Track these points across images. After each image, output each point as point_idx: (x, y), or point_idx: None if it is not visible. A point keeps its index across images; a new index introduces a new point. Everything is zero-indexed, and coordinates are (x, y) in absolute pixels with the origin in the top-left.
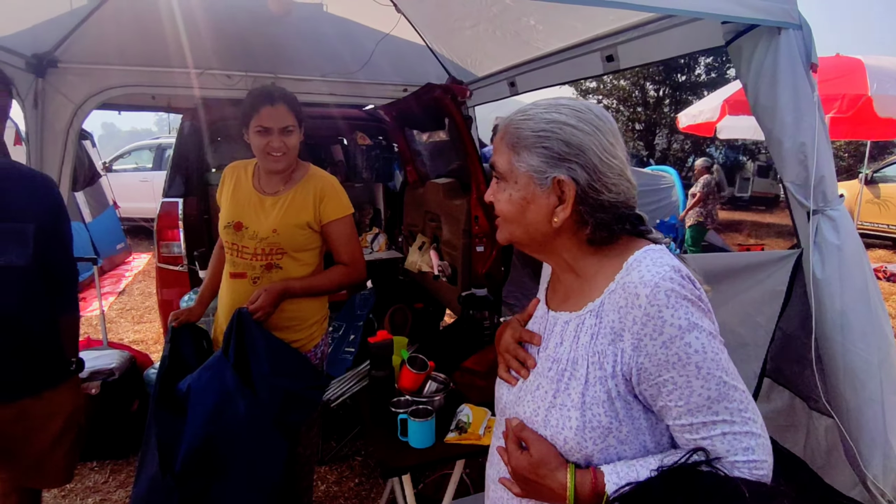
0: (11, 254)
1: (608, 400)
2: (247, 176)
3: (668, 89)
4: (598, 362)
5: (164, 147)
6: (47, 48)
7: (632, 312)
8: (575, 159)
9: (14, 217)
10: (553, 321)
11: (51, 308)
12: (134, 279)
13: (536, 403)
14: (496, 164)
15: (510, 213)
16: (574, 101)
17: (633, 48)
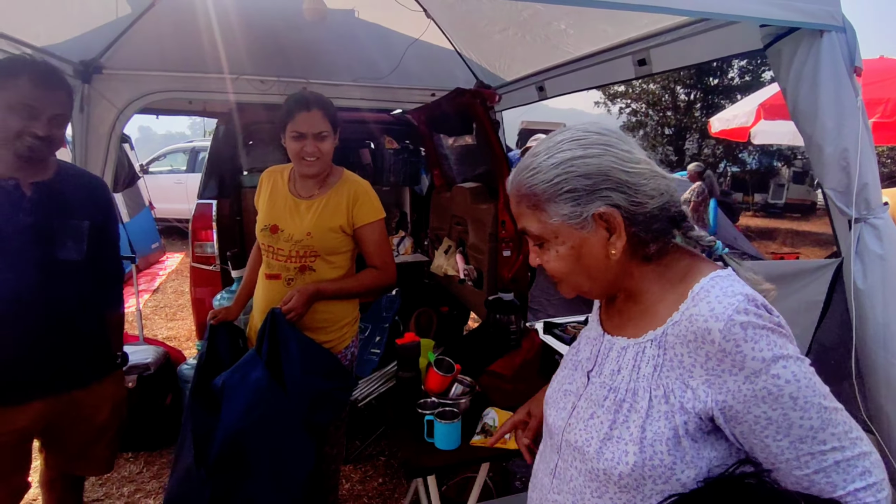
0: (69, 249)
1: (674, 437)
2: (283, 180)
3: (700, 93)
4: (662, 395)
5: (198, 150)
6: (93, 55)
7: (703, 348)
8: (603, 185)
9: (72, 214)
10: (609, 345)
11: (100, 303)
12: (167, 278)
13: (590, 433)
14: (528, 230)
15: (564, 269)
16: (569, 132)
17: (667, 52)
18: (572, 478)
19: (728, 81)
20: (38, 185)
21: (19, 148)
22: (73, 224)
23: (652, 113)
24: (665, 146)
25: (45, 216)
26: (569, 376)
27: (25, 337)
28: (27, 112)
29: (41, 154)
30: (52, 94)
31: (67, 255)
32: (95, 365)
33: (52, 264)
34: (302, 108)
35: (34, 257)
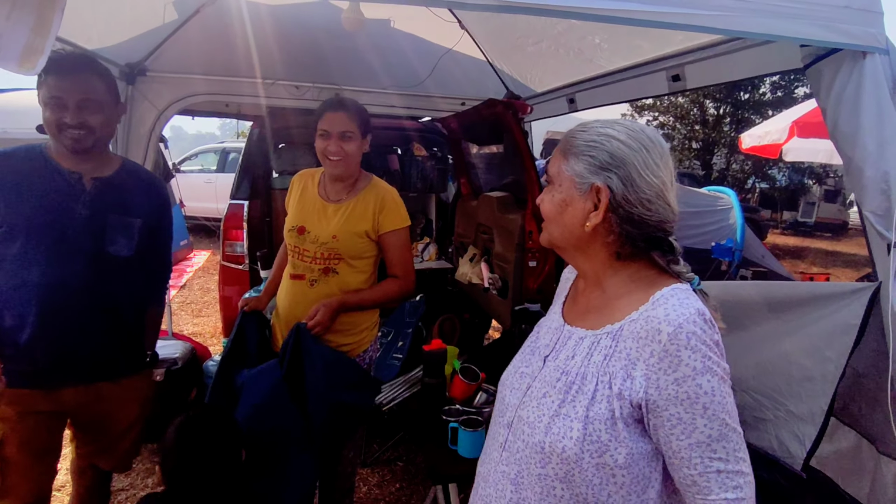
0: (119, 244)
1: (611, 419)
2: (313, 183)
3: (730, 107)
4: (607, 381)
5: (228, 151)
6: (139, 58)
7: (650, 346)
8: (615, 170)
9: (127, 211)
10: (568, 335)
11: (143, 300)
12: (195, 274)
13: (542, 410)
14: (549, 169)
15: (551, 213)
16: (632, 122)
17: (702, 68)
18: (519, 450)
19: (759, 97)
20: (98, 181)
21: (63, 140)
22: (127, 221)
23: (680, 126)
24: (692, 160)
25: (101, 211)
26: (526, 360)
27: (67, 324)
28: (55, 103)
29: (85, 143)
30: (72, 81)
31: (117, 251)
32: (128, 360)
33: (101, 257)
34: (330, 109)
35: (85, 249)
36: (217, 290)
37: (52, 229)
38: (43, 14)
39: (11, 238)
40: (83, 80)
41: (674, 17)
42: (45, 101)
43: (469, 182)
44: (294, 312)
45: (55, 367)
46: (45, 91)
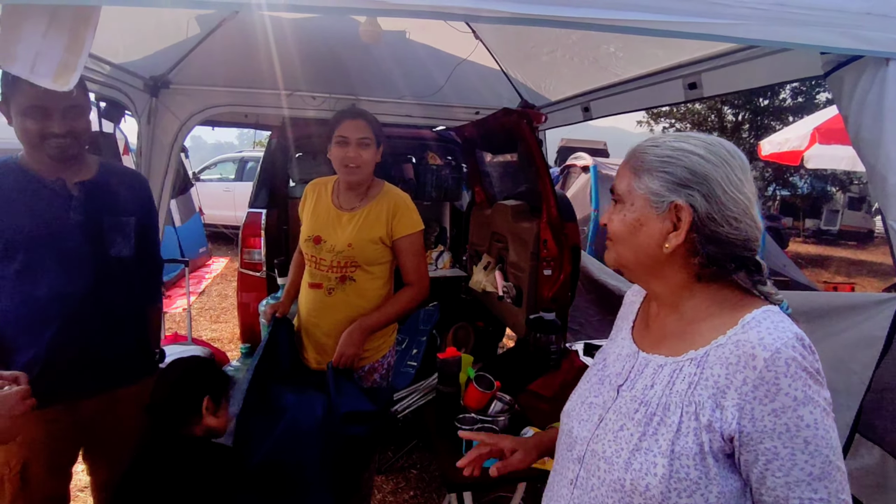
0: (119, 245)
1: (700, 453)
2: (327, 192)
3: (748, 114)
4: (693, 412)
5: (247, 160)
6: (162, 71)
7: (743, 372)
8: (696, 187)
9: (119, 212)
10: (644, 362)
11: (144, 299)
12: (213, 281)
13: (619, 444)
14: (616, 186)
15: (621, 234)
16: (705, 135)
17: (719, 76)
18: (594, 487)
19: (779, 102)
20: (83, 185)
21: (48, 150)
22: (122, 221)
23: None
24: None
25: (94, 214)
26: (594, 390)
27: (81, 333)
28: (39, 113)
29: (72, 151)
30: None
31: (118, 252)
32: (141, 362)
33: (105, 261)
34: (347, 117)
35: (87, 255)
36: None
37: (51, 241)
38: (77, 33)
39: (9, 256)
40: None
41: (689, 26)
42: (23, 111)
43: (483, 190)
44: (314, 320)
45: (73, 378)
46: (24, 100)
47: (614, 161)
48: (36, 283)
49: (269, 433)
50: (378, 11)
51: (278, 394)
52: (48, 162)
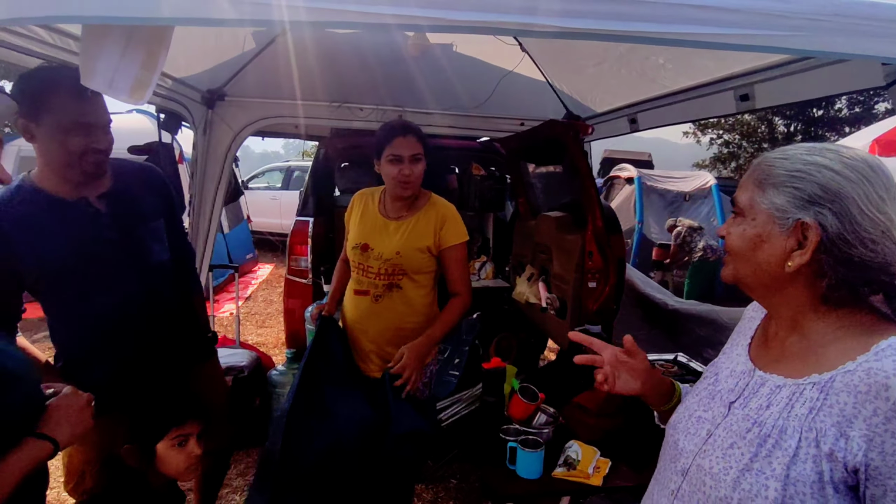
0: (157, 252)
1: (818, 482)
2: (374, 202)
3: (801, 124)
4: (814, 439)
5: (293, 169)
6: (218, 84)
7: (874, 403)
8: (828, 204)
9: (147, 217)
10: (759, 381)
11: (188, 289)
12: (259, 287)
13: (728, 462)
14: (737, 199)
15: (739, 249)
16: (844, 148)
17: (773, 87)
18: (698, 502)
19: (835, 113)
20: (105, 198)
21: (86, 166)
22: (152, 226)
23: (746, 145)
24: None
25: (127, 228)
26: (704, 404)
27: (142, 343)
28: (85, 130)
29: (105, 166)
30: (96, 103)
31: (159, 258)
32: (200, 349)
33: (147, 270)
34: (399, 134)
35: (132, 270)
36: (279, 302)
37: (92, 263)
38: (151, 51)
39: (57, 284)
40: (101, 100)
41: (746, 38)
42: (64, 128)
43: (527, 201)
44: (360, 327)
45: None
46: (66, 116)
47: (659, 172)
48: (92, 306)
49: (318, 438)
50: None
51: (329, 396)
52: (74, 179)
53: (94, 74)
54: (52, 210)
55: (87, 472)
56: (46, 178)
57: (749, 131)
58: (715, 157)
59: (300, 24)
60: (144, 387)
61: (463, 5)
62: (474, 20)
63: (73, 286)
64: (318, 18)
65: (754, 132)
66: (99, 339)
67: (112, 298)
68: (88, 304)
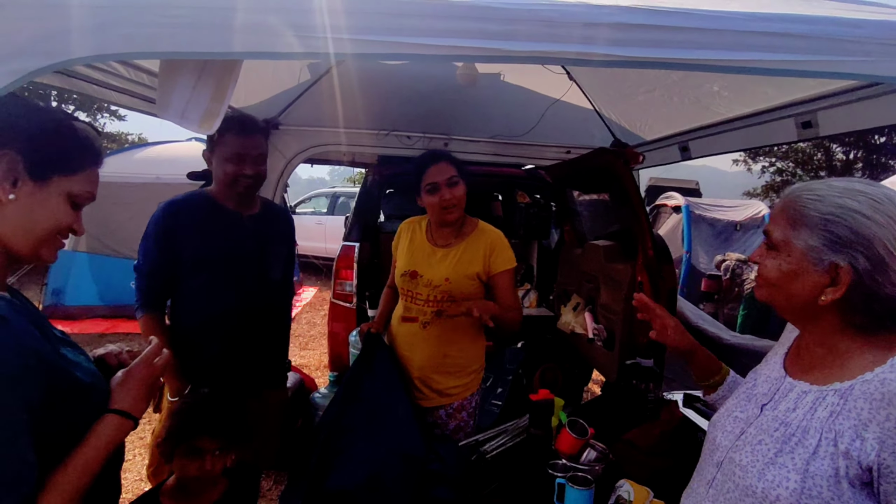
0: (276, 270)
1: (835, 476)
2: (421, 230)
3: (862, 152)
4: (832, 439)
5: (338, 195)
6: (274, 114)
7: (887, 409)
8: (860, 248)
9: (278, 241)
10: (789, 387)
11: (287, 316)
12: (303, 309)
13: (756, 456)
14: (771, 232)
15: (775, 280)
16: (872, 189)
17: (838, 114)
18: (729, 490)
19: None
20: (252, 217)
21: (239, 188)
22: (280, 250)
23: (801, 173)
24: None
25: (263, 243)
26: (741, 405)
27: (248, 342)
28: (237, 159)
29: (254, 190)
30: (252, 140)
31: (275, 276)
32: (281, 370)
33: (265, 282)
34: (430, 163)
35: (257, 276)
36: (323, 325)
37: (231, 262)
38: (221, 83)
39: (197, 271)
40: (260, 139)
41: (814, 65)
42: (226, 158)
43: (573, 229)
44: (406, 354)
45: (238, 378)
46: (227, 149)
47: (707, 201)
48: (217, 297)
49: (360, 466)
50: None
51: (370, 416)
52: (234, 197)
53: (169, 107)
54: (214, 213)
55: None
56: (217, 192)
57: (804, 159)
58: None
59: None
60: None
61: (520, 36)
62: (531, 50)
63: (210, 276)
64: (380, 51)
65: (810, 160)
66: (219, 327)
67: (238, 296)
68: (219, 294)
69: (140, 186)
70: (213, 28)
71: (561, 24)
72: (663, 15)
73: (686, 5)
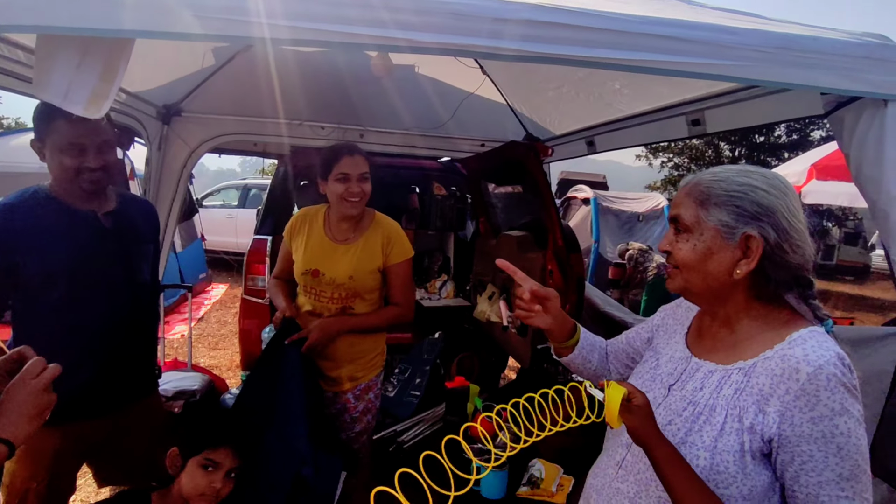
0: (144, 271)
1: (740, 451)
2: (318, 224)
3: (745, 149)
4: (737, 415)
5: (250, 187)
6: (175, 100)
7: (786, 384)
8: (766, 219)
9: (142, 239)
10: (695, 367)
11: (153, 319)
12: (212, 307)
13: (666, 437)
14: (680, 216)
15: (692, 261)
16: (762, 169)
17: (722, 113)
18: (640, 471)
19: (775, 139)
20: (111, 215)
21: (83, 183)
22: (144, 248)
23: (695, 168)
24: None
25: (124, 244)
26: (646, 386)
27: (120, 357)
28: (76, 150)
29: (104, 183)
30: (90, 126)
31: (143, 278)
32: (150, 379)
33: (134, 287)
34: (346, 153)
35: (120, 282)
36: (234, 324)
37: (91, 270)
38: (111, 63)
39: (52, 284)
40: (99, 122)
41: (698, 67)
42: (60, 148)
43: (488, 221)
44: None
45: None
46: (60, 138)
47: (614, 194)
48: (81, 311)
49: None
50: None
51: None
52: (80, 194)
53: (48, 86)
54: (61, 215)
55: (31, 490)
56: (59, 188)
57: (697, 155)
58: (666, 180)
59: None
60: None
61: (432, 27)
62: (441, 42)
63: (67, 288)
64: (287, 36)
65: (702, 156)
66: (80, 345)
67: (100, 307)
68: (78, 308)
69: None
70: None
71: (470, 18)
72: (568, 14)
73: (589, 6)
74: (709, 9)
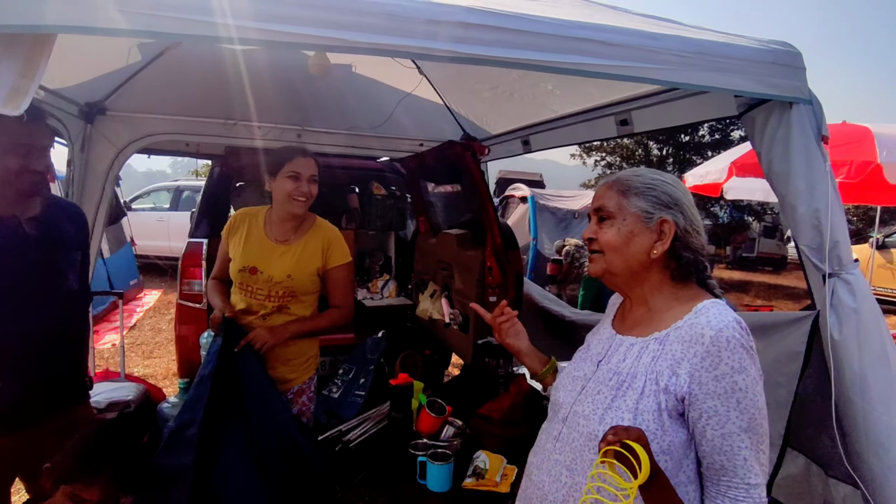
0: (71, 280)
1: (657, 410)
2: (258, 224)
3: (672, 148)
4: (654, 379)
5: (182, 189)
6: (99, 97)
7: (694, 347)
8: (675, 207)
9: (69, 246)
10: (619, 343)
11: (84, 328)
12: (145, 315)
13: (595, 405)
14: (604, 206)
15: (615, 244)
16: (669, 175)
17: (647, 114)
18: (574, 440)
19: (699, 139)
20: (35, 221)
21: (21, 185)
22: (71, 256)
23: (626, 166)
24: None
25: (50, 251)
26: (578, 366)
27: (46, 368)
28: (22, 150)
29: (40, 187)
30: (37, 128)
31: (71, 287)
32: (79, 389)
33: (59, 296)
34: (299, 154)
35: (45, 292)
36: (169, 330)
37: (11, 279)
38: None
39: None
40: (43, 127)
41: (622, 69)
42: (4, 148)
43: (428, 220)
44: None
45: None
46: (7, 137)
47: (550, 192)
48: (2, 324)
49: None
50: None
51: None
52: (8, 198)
53: None
54: None
55: None
56: None
57: (628, 154)
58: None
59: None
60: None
61: (368, 28)
62: (377, 42)
63: None
64: (216, 34)
65: (633, 155)
66: (9, 357)
67: (26, 318)
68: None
69: None
70: None
71: (405, 19)
72: (501, 17)
73: (520, 10)
74: (632, 14)
